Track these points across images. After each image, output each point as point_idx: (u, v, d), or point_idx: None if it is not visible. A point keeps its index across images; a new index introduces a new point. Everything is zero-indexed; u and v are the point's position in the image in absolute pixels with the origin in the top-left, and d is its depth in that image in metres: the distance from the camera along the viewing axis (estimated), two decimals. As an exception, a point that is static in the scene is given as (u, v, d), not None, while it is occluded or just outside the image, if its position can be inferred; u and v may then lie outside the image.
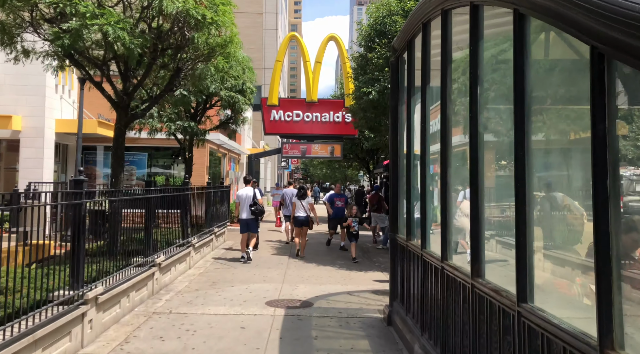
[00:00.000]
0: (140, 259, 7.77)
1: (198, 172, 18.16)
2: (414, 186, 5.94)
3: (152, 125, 12.17)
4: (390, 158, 6.87)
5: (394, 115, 6.84)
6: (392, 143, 6.82)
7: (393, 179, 6.83)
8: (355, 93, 12.63)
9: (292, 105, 22.58)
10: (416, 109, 6.05)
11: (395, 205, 6.73)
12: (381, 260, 12.15)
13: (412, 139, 6.02)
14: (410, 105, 6.07)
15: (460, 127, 4.58)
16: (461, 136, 4.72)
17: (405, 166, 6.70)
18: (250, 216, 11.44)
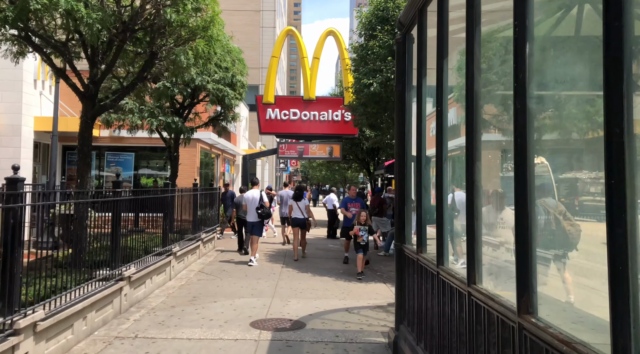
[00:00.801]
0: (107, 271, 6.71)
1: (188, 174, 17.10)
2: (426, 189, 4.87)
3: (133, 121, 11.09)
4: (396, 154, 5.80)
5: (401, 104, 5.77)
6: (399, 136, 5.75)
7: (399, 180, 5.76)
8: (355, 86, 11.58)
9: (289, 103, 21.52)
10: (426, 95, 4.99)
11: (401, 210, 5.66)
12: (383, 269, 11.07)
13: (423, 131, 4.95)
14: (422, 91, 5.00)
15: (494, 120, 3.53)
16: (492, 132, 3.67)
17: (413, 164, 5.65)
18: (256, 219, 11.21)
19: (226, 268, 10.59)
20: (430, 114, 4.92)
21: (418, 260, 4.82)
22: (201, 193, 12.11)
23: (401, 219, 5.69)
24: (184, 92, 11.05)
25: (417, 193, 4.94)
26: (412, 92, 5.67)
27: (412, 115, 5.67)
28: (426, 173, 4.89)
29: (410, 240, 5.62)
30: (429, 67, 4.97)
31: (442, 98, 4.19)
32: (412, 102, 5.70)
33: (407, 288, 5.41)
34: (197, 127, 13.08)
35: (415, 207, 4.96)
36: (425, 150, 4.94)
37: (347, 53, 21.56)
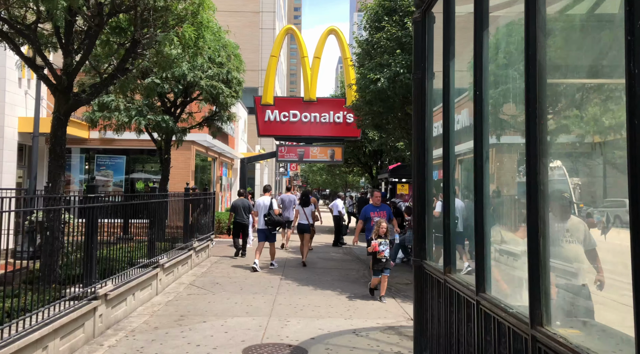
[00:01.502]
0: (79, 289, 5.83)
1: (182, 177, 16.23)
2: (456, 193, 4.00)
3: (119, 119, 10.22)
4: (414, 154, 4.92)
5: (420, 94, 4.90)
6: (418, 132, 4.87)
7: (418, 184, 4.88)
8: (359, 83, 10.72)
9: (289, 105, 20.67)
10: (454, 80, 4.12)
11: (421, 220, 4.78)
12: (391, 282, 10.16)
13: (450, 124, 4.08)
14: (449, 75, 4.13)
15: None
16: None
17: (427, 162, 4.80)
18: (264, 226, 11.07)
19: (220, 281, 9.70)
20: (459, 101, 4.05)
21: (446, 281, 3.94)
22: (194, 199, 11.22)
23: (420, 231, 4.80)
24: (174, 89, 10.18)
25: (444, 200, 4.06)
26: (435, 80, 4.81)
27: (433, 106, 4.81)
28: (455, 175, 4.02)
29: (432, 256, 4.75)
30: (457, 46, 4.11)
31: (481, 80, 3.31)
32: (432, 91, 4.84)
33: (429, 313, 4.51)
34: (190, 127, 12.21)
35: (442, 217, 4.07)
36: (453, 146, 4.06)
37: (350, 52, 20.75)
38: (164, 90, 10.13)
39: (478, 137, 3.25)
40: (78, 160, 16.59)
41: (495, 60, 3.52)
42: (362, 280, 10.23)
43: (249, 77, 37.52)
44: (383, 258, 8.29)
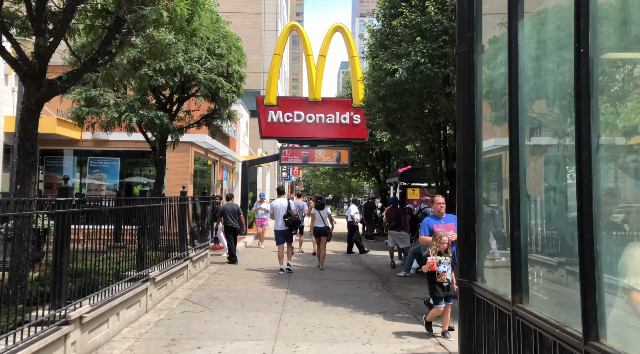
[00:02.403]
0: (48, 312, 4.85)
1: (180, 181, 15.26)
2: (534, 197, 3.01)
3: (109, 116, 9.25)
4: (460, 148, 3.93)
5: (465, 71, 3.91)
6: (464, 120, 3.89)
7: (465, 185, 3.89)
8: (371, 77, 9.75)
9: (293, 105, 19.72)
10: (523, 47, 3.14)
11: (469, 231, 3.78)
12: (408, 296, 9.16)
13: (521, 105, 3.08)
14: (517, 42, 3.14)
15: None
16: None
17: (478, 158, 3.84)
18: (284, 228, 11.16)
19: (219, 295, 8.69)
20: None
21: (516, 314, 2.93)
22: (193, 203, 10.24)
23: (468, 244, 3.81)
24: (170, 82, 9.22)
25: (512, 204, 3.06)
26: (481, 56, 3.83)
27: (483, 87, 3.83)
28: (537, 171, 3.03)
29: (483, 276, 3.75)
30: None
31: (587, 32, 2.31)
32: (482, 67, 3.85)
33: (485, 351, 3.50)
34: (187, 126, 11.25)
35: (510, 227, 3.07)
36: (524, 134, 3.07)
37: (357, 50, 19.83)
38: (158, 83, 9.16)
39: (584, 117, 2.25)
40: (70, 162, 15.64)
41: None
42: (377, 294, 9.22)
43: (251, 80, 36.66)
44: (444, 282, 6.33)
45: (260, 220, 16.46)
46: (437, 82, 8.35)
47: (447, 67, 8.22)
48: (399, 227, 12.81)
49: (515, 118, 3.04)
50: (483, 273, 3.72)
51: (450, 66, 8.33)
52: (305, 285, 9.92)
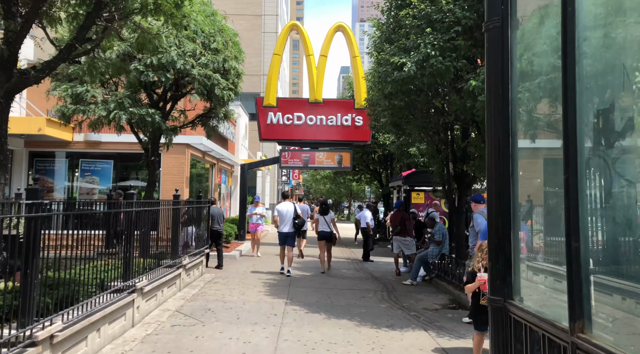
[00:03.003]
0: (10, 331, 4.23)
1: (175, 184, 14.65)
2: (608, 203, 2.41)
3: (96, 113, 8.65)
4: (491, 143, 3.33)
5: (498, 52, 3.31)
6: (495, 110, 3.28)
7: (497, 187, 3.28)
8: (376, 73, 9.17)
9: (293, 106, 19.14)
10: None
11: (503, 242, 3.17)
12: (417, 307, 8.53)
13: (579, 90, 2.47)
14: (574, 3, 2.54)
15: None
16: None
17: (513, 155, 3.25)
18: (291, 230, 11.46)
19: (213, 306, 8.06)
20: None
21: (576, 346, 2.31)
22: (183, 207, 9.62)
23: (502, 254, 3.19)
24: (162, 78, 8.62)
25: (569, 209, 2.45)
26: (521, 29, 3.23)
27: (519, 69, 3.23)
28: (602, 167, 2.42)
29: (520, 293, 3.13)
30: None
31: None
32: (517, 44, 3.25)
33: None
34: (182, 125, 10.65)
35: (566, 237, 2.46)
36: (582, 128, 2.46)
37: (359, 53, 19.28)
38: (149, 79, 8.57)
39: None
40: (61, 165, 15.04)
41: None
42: (383, 305, 8.59)
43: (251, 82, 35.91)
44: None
45: (254, 226, 14.85)
46: (448, 76, 7.77)
47: (458, 60, 7.64)
48: (404, 233, 12.20)
49: (571, 101, 2.44)
50: (520, 289, 3.11)
51: (462, 60, 7.75)
52: (306, 294, 9.29)
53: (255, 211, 14.83)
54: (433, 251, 10.89)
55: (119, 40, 8.31)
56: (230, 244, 16.84)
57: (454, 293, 9.47)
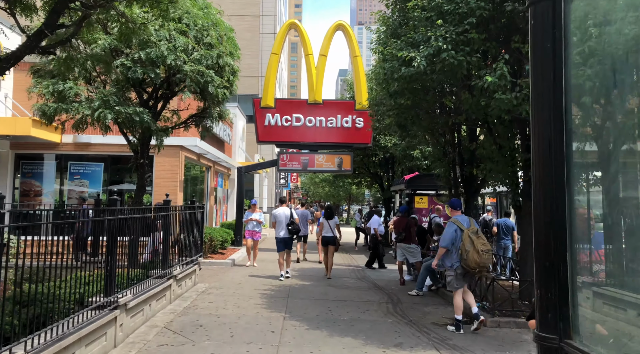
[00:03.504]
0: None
1: (168, 188, 14.03)
2: None
3: (80, 112, 8.01)
4: (539, 138, 2.69)
5: (548, 33, 2.68)
6: (546, 96, 2.65)
7: (546, 193, 2.65)
8: (381, 70, 8.57)
9: (291, 108, 18.53)
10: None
11: (559, 259, 2.54)
12: (425, 322, 7.90)
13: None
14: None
15: None
16: None
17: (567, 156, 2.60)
18: (287, 235, 11.67)
19: (205, 322, 7.41)
20: None
21: None
22: (179, 213, 8.99)
23: (553, 283, 2.56)
24: (151, 74, 8.00)
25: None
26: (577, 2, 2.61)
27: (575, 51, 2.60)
28: None
29: (579, 332, 2.50)
30: None
31: None
32: (571, 22, 2.63)
33: None
34: (173, 126, 10.03)
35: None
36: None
37: (359, 53, 18.70)
38: (136, 75, 7.94)
39: None
40: (50, 168, 14.39)
41: None
42: (389, 319, 7.96)
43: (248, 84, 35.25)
44: None
45: (250, 233, 13.36)
46: (461, 72, 7.16)
47: (472, 54, 7.03)
48: (409, 239, 11.57)
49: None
50: (582, 327, 2.48)
51: (476, 54, 7.14)
52: (306, 307, 8.65)
53: (252, 217, 13.49)
54: (440, 260, 10.23)
55: (104, 34, 7.71)
56: (226, 250, 16.19)
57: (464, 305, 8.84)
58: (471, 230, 7.04)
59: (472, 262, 6.85)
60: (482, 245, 6.87)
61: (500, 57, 6.80)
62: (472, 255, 6.82)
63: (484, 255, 6.82)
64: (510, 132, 8.67)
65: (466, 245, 6.91)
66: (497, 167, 8.81)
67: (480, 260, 6.81)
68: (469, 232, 6.98)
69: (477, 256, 6.80)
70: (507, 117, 7.14)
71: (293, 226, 11.71)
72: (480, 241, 6.92)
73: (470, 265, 6.91)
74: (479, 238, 6.97)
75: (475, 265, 6.87)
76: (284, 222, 11.70)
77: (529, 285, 8.17)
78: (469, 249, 6.87)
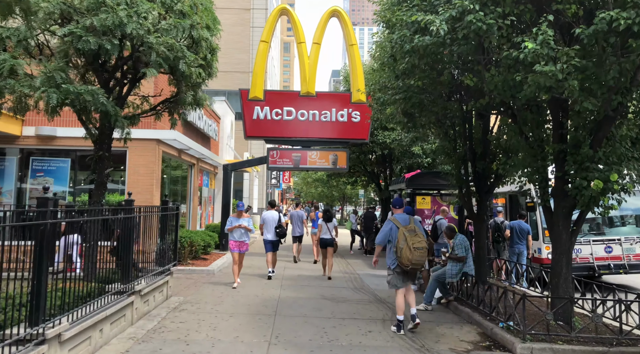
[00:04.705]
0: None
1: (144, 187, 12.54)
2: None
3: (17, 91, 6.50)
4: None
5: None
6: None
7: None
8: (388, 42, 7.14)
9: (282, 100, 17.07)
10: None
11: None
12: (440, 348, 6.47)
13: None
14: None
15: None
16: None
17: None
18: (275, 238, 11.89)
19: (169, 352, 5.94)
20: None
21: None
22: (137, 216, 7.50)
23: None
24: (106, 45, 6.51)
25: None
26: None
27: None
28: None
29: None
30: None
31: None
32: None
33: None
34: (139, 114, 8.56)
35: None
36: None
37: (355, 41, 17.30)
38: (88, 46, 6.44)
39: None
40: (10, 164, 12.83)
41: None
42: (397, 345, 6.52)
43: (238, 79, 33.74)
44: None
45: (237, 244, 10.48)
46: (489, 41, 5.76)
47: (506, 17, 5.62)
48: (414, 245, 10.14)
49: None
50: None
51: (510, 16, 5.73)
52: (296, 328, 7.20)
53: (239, 224, 10.50)
54: (452, 269, 8.84)
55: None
56: (209, 256, 14.71)
57: (483, 325, 7.45)
58: (408, 228, 7.00)
59: (404, 259, 6.84)
60: (418, 243, 6.84)
61: (542, 19, 5.38)
62: (404, 252, 6.81)
63: (416, 252, 6.79)
64: (541, 118, 7.27)
65: (400, 242, 6.89)
66: (523, 161, 7.41)
67: (412, 256, 6.78)
68: (404, 230, 6.95)
69: (409, 253, 6.78)
70: (546, 96, 5.73)
71: (281, 230, 11.93)
72: (416, 239, 6.87)
73: (402, 262, 6.89)
74: (416, 236, 6.92)
75: (408, 262, 6.83)
76: (273, 225, 11.88)
77: (566, 303, 6.77)
78: (402, 246, 6.85)
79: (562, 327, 6.71)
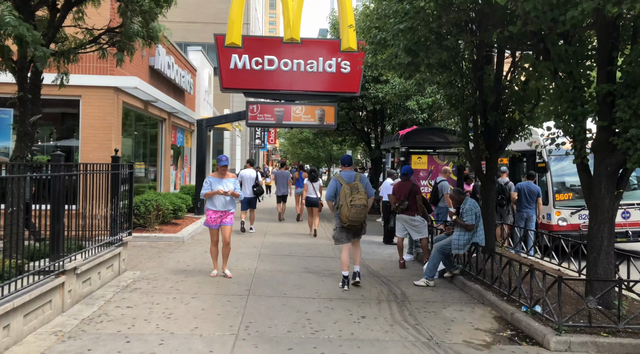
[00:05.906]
0: None
1: (100, 142, 10.87)
2: None
3: None
4: None
5: None
6: None
7: None
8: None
9: (263, 47, 15.22)
10: None
11: None
12: (452, 339, 5.12)
13: None
14: None
15: None
16: None
17: None
18: (252, 195, 12.44)
19: (101, 353, 4.49)
20: None
21: None
22: (71, 175, 5.90)
23: None
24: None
25: None
26: None
27: None
28: None
29: None
30: None
31: None
32: None
33: None
34: (77, 47, 6.82)
35: None
36: None
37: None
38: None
39: None
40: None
41: None
42: (395, 335, 5.16)
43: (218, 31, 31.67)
44: None
45: (217, 215, 7.49)
46: None
47: None
48: (413, 210, 8.75)
49: None
50: None
51: None
52: (272, 314, 5.80)
53: (220, 188, 7.39)
54: (460, 239, 7.44)
55: None
56: (181, 220, 13.24)
57: (500, 307, 6.13)
58: (351, 184, 6.94)
59: (343, 216, 6.86)
60: (357, 200, 6.78)
61: None
62: (343, 208, 6.82)
63: (353, 209, 6.74)
64: (585, 52, 5.73)
65: (341, 199, 6.91)
66: (558, 109, 5.91)
67: (349, 213, 6.76)
68: (346, 187, 6.92)
69: (347, 210, 6.77)
70: (590, 20, 4.16)
71: (258, 188, 12.64)
72: (356, 196, 6.81)
73: (341, 219, 6.91)
74: (357, 193, 6.86)
75: (346, 219, 6.83)
76: (250, 184, 12.45)
77: (612, 287, 5.43)
78: (342, 203, 6.86)
79: (603, 314, 5.39)
